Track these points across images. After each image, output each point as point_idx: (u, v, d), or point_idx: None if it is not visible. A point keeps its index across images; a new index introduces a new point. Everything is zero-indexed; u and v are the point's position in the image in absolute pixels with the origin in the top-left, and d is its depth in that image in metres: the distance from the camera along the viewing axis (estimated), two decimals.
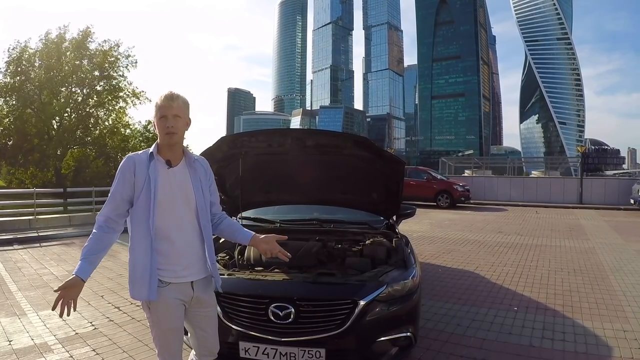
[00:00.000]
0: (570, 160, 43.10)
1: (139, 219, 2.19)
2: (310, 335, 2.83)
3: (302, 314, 2.87)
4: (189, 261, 2.27)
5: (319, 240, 3.99)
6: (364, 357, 2.95)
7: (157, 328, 2.27)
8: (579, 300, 5.50)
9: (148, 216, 2.17)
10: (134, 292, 2.21)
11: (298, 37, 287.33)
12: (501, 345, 4.04)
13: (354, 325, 2.86)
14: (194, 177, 2.32)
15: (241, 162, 3.91)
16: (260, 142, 3.85)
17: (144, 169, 2.19)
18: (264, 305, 2.91)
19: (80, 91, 23.66)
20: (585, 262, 7.79)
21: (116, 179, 2.21)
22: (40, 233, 10.56)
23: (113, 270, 7.13)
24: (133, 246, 2.21)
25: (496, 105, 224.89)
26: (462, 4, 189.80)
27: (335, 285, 3.12)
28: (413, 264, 3.51)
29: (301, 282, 3.15)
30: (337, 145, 3.83)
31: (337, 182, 4.27)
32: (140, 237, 2.19)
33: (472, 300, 5.47)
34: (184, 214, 2.26)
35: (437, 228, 12.25)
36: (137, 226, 2.20)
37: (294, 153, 3.89)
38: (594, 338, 4.22)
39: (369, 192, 4.29)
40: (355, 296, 2.94)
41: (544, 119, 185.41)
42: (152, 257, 2.15)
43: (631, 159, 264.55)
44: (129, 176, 2.18)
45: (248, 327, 2.91)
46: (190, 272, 2.27)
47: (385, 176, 3.99)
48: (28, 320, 4.68)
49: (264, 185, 4.39)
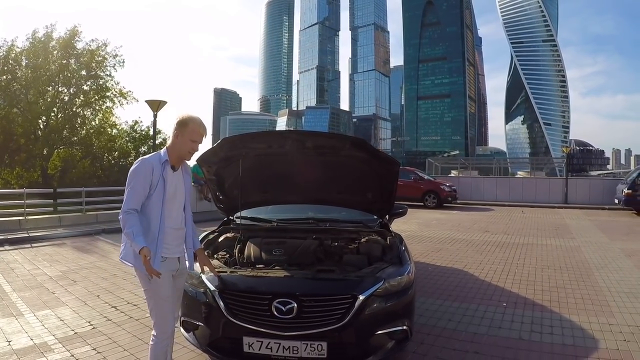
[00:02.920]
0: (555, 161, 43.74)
1: (150, 210, 2.73)
2: (312, 329, 2.94)
3: (304, 309, 2.97)
4: (178, 242, 2.89)
5: (316, 239, 4.09)
6: (363, 350, 3.06)
7: (155, 297, 2.76)
8: (565, 296, 5.67)
9: (159, 208, 2.73)
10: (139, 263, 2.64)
11: (285, 37, 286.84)
12: (492, 339, 4.19)
13: (354, 319, 2.97)
14: (186, 180, 2.98)
15: (241, 162, 3.99)
16: (260, 143, 3.93)
17: (158, 171, 2.73)
18: (267, 301, 3.01)
19: (67, 91, 23.47)
20: (570, 260, 7.99)
21: (136, 178, 2.70)
22: (31, 234, 10.46)
23: (107, 270, 7.16)
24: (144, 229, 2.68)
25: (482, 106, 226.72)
26: (448, 5, 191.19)
27: (335, 281, 3.24)
28: (408, 260, 3.64)
29: (303, 278, 3.25)
30: (335, 146, 3.93)
31: (333, 182, 4.37)
32: (150, 222, 2.72)
33: (462, 297, 5.61)
34: (178, 208, 2.89)
35: (425, 228, 12.42)
36: (149, 215, 2.72)
37: (293, 154, 3.98)
38: (581, 331, 4.38)
39: (364, 191, 4.39)
40: (354, 291, 3.06)
41: (529, 120, 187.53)
42: (158, 240, 2.71)
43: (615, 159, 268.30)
44: (147, 176, 2.70)
45: (251, 322, 2.99)
46: (178, 250, 2.90)
47: (380, 176, 4.09)
48: (25, 321, 4.68)
49: (262, 186, 4.47)
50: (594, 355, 3.83)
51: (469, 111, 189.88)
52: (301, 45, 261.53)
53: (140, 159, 2.77)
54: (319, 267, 3.45)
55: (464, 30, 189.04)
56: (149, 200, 2.72)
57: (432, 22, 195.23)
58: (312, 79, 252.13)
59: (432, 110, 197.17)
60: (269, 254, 3.71)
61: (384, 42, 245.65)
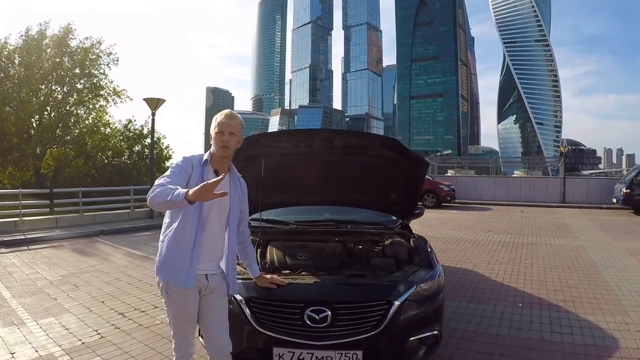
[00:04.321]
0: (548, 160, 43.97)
1: (186, 214, 2.42)
2: (347, 337, 2.80)
3: (338, 316, 2.83)
4: (210, 259, 2.55)
5: (338, 241, 3.96)
6: (398, 358, 2.95)
7: (173, 311, 2.51)
8: (578, 295, 5.67)
9: (196, 214, 2.42)
10: (169, 276, 2.43)
11: (277, 36, 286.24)
12: (514, 340, 4.14)
13: (389, 325, 2.85)
14: (234, 192, 2.62)
15: (264, 162, 3.83)
16: (286, 142, 3.81)
17: (199, 171, 2.48)
18: (299, 310, 2.86)
19: (61, 89, 23.05)
20: (577, 259, 7.97)
21: (174, 169, 2.45)
22: (28, 235, 10.25)
23: (109, 274, 6.97)
24: (176, 237, 2.43)
25: (474, 105, 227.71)
26: (441, 5, 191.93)
27: (369, 286, 3.11)
28: (437, 263, 3.53)
29: (335, 284, 3.11)
30: (365, 145, 3.82)
31: (355, 183, 4.26)
32: (185, 230, 2.42)
33: (477, 297, 5.55)
34: (217, 221, 2.55)
35: (427, 227, 12.33)
36: (184, 219, 2.43)
37: (318, 154, 3.85)
38: (599, 331, 4.39)
39: (388, 192, 4.29)
40: (390, 297, 2.94)
41: (522, 120, 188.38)
42: (194, 250, 2.41)
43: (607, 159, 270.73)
44: (187, 170, 2.45)
45: (282, 332, 2.84)
46: (208, 267, 2.54)
47: (406, 176, 4.00)
48: (28, 330, 4.43)
49: (282, 186, 4.32)
50: (617, 354, 3.85)
51: (461, 111, 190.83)
52: (294, 44, 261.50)
53: (185, 156, 2.56)
54: (349, 272, 3.30)
55: (457, 30, 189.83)
56: None
57: (424, 22, 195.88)
58: (305, 78, 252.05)
59: (424, 109, 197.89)
60: (294, 259, 3.54)
61: (377, 41, 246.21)
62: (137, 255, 8.60)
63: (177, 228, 2.44)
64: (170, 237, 2.46)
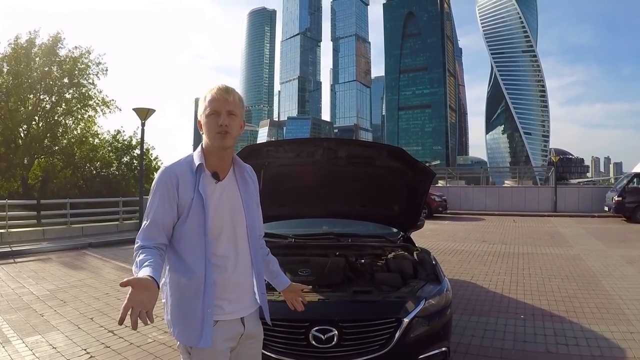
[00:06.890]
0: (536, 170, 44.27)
1: (185, 247, 1.75)
2: (355, 358, 2.66)
3: (345, 336, 2.68)
4: (239, 293, 1.84)
5: (339, 256, 3.80)
6: None
7: None
8: (579, 305, 5.60)
9: (199, 245, 1.73)
10: (180, 335, 1.75)
11: (266, 47, 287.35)
12: (520, 353, 4.03)
13: (398, 344, 2.72)
14: (245, 192, 1.89)
15: (262, 173, 3.65)
16: (287, 152, 3.67)
17: (190, 184, 1.74)
18: (303, 330, 2.69)
19: (49, 99, 22.72)
20: (574, 269, 7.93)
21: (154, 198, 1.74)
22: (14, 248, 9.98)
23: (98, 289, 6.74)
24: (176, 279, 1.76)
25: (462, 116, 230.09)
26: (429, 16, 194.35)
27: (376, 303, 2.97)
28: (444, 276, 3.41)
29: (341, 302, 2.97)
30: (370, 155, 3.69)
31: (357, 194, 4.12)
32: (187, 268, 1.73)
33: (478, 310, 5.44)
34: (235, 238, 1.83)
35: (421, 239, 12.16)
36: (184, 255, 1.75)
37: (321, 164, 3.72)
38: (605, 341, 4.32)
39: (391, 204, 4.16)
40: (398, 314, 2.80)
41: (510, 130, 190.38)
42: (205, 295, 1.70)
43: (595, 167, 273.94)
44: (170, 193, 1.72)
45: (286, 354, 2.68)
46: (240, 306, 1.84)
47: (410, 188, 3.89)
48: (14, 349, 4.21)
49: (280, 198, 4.13)
50: None
51: (449, 121, 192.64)
52: (283, 55, 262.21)
53: (162, 167, 1.80)
54: (355, 289, 3.15)
55: (445, 41, 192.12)
56: (182, 229, 1.74)
57: (413, 33, 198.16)
58: (294, 89, 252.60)
59: (413, 120, 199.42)
60: (295, 275, 3.36)
61: (365, 52, 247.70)
62: (126, 268, 8.36)
63: (176, 263, 1.77)
64: (170, 277, 1.79)
